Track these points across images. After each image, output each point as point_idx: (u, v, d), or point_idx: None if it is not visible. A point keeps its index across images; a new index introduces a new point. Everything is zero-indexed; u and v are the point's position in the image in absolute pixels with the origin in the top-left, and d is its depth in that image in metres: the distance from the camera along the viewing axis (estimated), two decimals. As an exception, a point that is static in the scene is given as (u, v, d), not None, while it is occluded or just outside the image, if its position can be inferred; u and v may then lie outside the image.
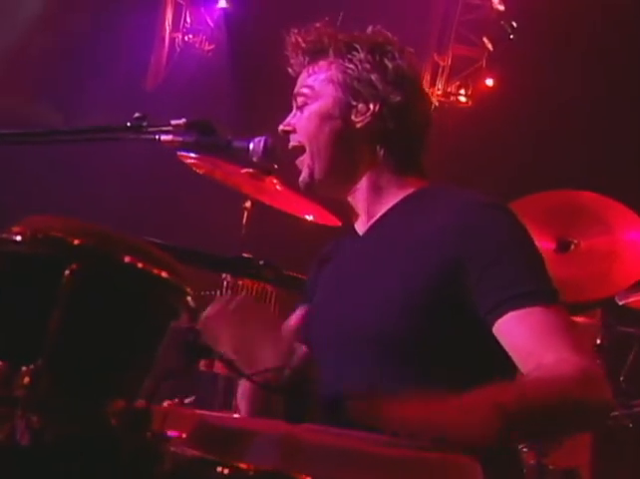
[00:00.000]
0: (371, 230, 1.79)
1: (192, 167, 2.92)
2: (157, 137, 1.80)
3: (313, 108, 1.78)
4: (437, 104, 6.55)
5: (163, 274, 1.16)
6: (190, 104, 5.91)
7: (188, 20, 6.57)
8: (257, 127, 1.90)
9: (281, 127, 1.84)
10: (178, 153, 2.82)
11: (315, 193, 1.86)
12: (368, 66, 1.75)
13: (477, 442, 1.20)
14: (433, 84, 6.59)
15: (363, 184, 1.78)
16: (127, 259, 1.14)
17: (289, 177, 2.90)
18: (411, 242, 1.68)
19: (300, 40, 1.83)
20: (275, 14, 5.54)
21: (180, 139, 1.80)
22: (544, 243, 2.97)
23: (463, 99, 6.66)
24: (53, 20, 5.86)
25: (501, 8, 6.51)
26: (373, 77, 1.75)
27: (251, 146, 1.81)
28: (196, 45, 6.47)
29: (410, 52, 1.81)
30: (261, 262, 2.64)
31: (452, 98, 6.65)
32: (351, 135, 1.76)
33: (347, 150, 1.77)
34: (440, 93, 6.61)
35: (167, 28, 6.53)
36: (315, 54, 1.82)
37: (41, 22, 5.83)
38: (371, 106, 1.75)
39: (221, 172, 2.89)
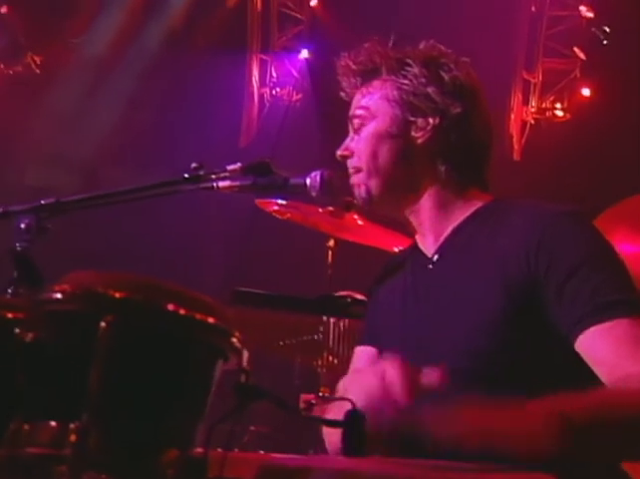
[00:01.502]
0: (442, 249, 1.72)
1: (274, 214, 2.93)
2: (215, 184, 1.81)
3: (370, 128, 1.72)
4: (532, 122, 6.40)
5: (207, 319, 1.15)
6: (284, 154, 5.99)
7: (274, 74, 6.71)
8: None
9: (339, 152, 1.78)
10: (257, 201, 2.85)
11: (374, 211, 1.82)
12: (423, 80, 1.69)
13: (533, 453, 1.11)
14: (525, 102, 6.44)
15: (426, 201, 1.72)
16: (169, 307, 1.13)
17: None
18: (489, 262, 1.61)
19: (351, 62, 1.77)
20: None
21: (238, 183, 1.81)
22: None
23: (559, 113, 6.47)
24: (145, 93, 6.09)
25: (590, 15, 6.33)
26: (429, 90, 1.68)
27: (308, 181, 1.79)
28: (284, 97, 6.59)
29: (465, 62, 1.74)
30: (350, 300, 2.62)
31: (547, 114, 6.48)
32: (412, 152, 1.70)
33: (408, 167, 1.71)
34: (534, 110, 6.45)
35: (255, 84, 6.69)
36: (367, 74, 1.76)
37: (136, 95, 6.08)
38: (430, 120, 1.68)
39: (301, 214, 2.89)
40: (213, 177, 1.83)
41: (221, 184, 1.81)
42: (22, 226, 1.79)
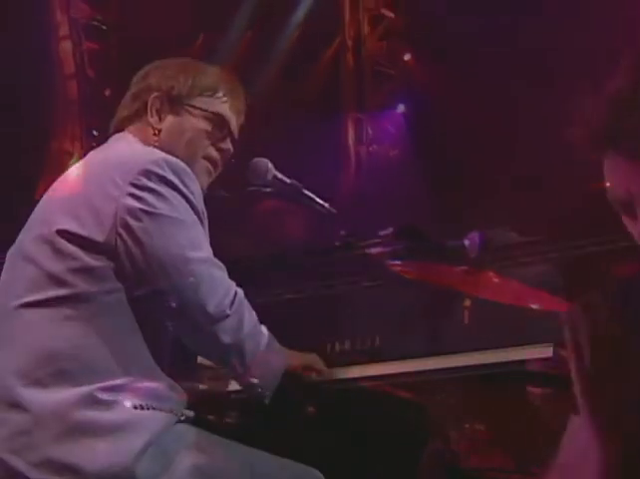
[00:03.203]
0: None
1: (401, 273, 2.85)
2: (367, 251, 1.77)
3: None
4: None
5: (407, 398, 1.09)
6: (388, 211, 5.95)
7: (370, 131, 6.69)
8: (454, 220, 1.80)
9: None
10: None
11: None
12: None
13: None
14: None
15: None
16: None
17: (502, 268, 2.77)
18: None
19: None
20: (453, 107, 5.53)
21: (390, 249, 1.76)
22: None
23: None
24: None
25: None
26: None
27: (467, 242, 1.74)
28: (381, 153, 6.56)
29: None
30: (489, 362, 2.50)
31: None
32: None
33: None
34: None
35: (351, 143, 6.68)
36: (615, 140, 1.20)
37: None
38: None
39: (432, 273, 2.80)
40: (364, 244, 1.79)
41: (373, 250, 1.76)
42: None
